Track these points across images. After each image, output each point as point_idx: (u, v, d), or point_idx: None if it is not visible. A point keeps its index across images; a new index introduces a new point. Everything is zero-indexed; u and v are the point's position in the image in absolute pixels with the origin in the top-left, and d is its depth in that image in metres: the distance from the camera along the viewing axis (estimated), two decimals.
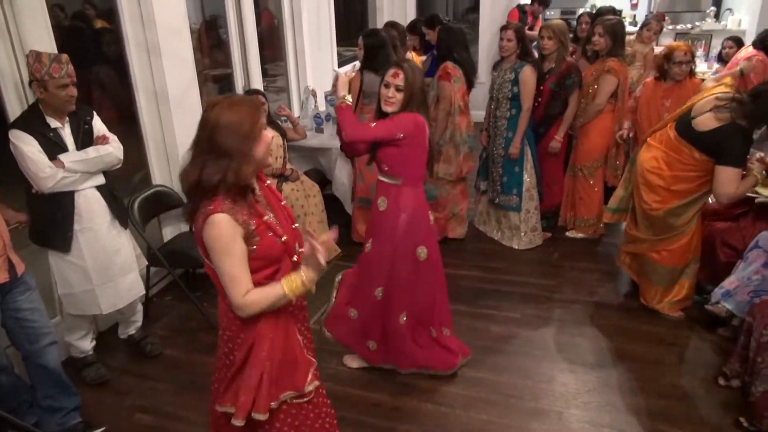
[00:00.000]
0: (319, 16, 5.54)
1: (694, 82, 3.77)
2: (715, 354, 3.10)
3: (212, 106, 1.69)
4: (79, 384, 2.93)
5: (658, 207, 3.19)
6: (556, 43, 4.02)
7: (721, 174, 2.90)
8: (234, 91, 4.58)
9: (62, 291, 2.86)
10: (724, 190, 2.92)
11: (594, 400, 2.83)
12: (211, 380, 1.99)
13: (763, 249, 3.04)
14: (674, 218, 3.19)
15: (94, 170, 2.77)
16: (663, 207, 3.17)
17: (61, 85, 2.57)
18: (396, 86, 2.60)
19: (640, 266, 3.49)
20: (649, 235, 3.32)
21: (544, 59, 4.15)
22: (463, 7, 8.53)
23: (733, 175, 2.88)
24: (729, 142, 2.88)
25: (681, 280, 3.38)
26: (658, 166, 3.17)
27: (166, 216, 3.86)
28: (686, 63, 3.71)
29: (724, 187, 2.91)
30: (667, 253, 3.29)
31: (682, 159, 3.07)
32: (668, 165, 3.13)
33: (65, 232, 2.72)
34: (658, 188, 3.18)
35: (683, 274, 3.36)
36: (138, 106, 3.69)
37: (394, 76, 2.60)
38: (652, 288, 3.44)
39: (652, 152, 3.22)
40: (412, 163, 2.69)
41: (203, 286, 3.91)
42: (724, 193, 2.93)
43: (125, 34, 3.52)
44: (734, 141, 2.87)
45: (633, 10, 7.94)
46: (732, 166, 2.87)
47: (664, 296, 3.42)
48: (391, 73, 2.61)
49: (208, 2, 4.60)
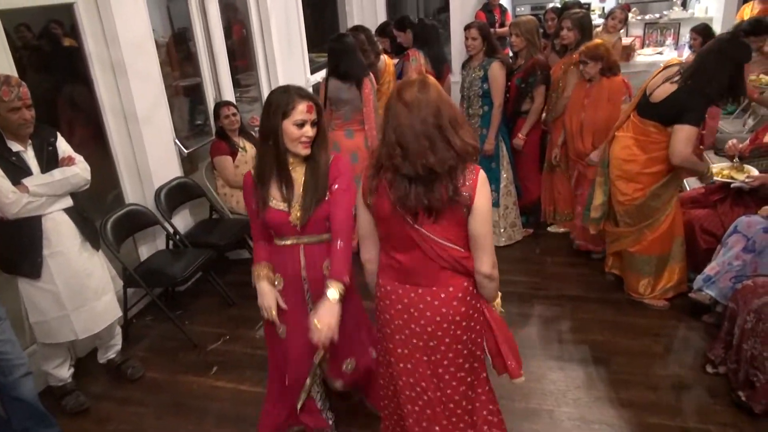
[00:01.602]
0: (288, 24, 5.49)
1: (613, 81, 3.69)
2: (701, 342, 3.10)
3: (422, 87, 1.75)
4: (59, 413, 2.86)
5: (639, 195, 3.20)
6: (524, 40, 4.05)
7: (678, 132, 2.95)
8: (205, 104, 4.53)
9: (33, 319, 2.77)
10: (678, 147, 2.95)
11: (584, 396, 2.81)
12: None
13: (741, 233, 3.05)
14: (656, 200, 3.20)
15: (61, 192, 2.70)
16: (645, 192, 3.18)
17: (11, 109, 2.49)
18: (312, 122, 2.11)
19: (626, 262, 3.48)
20: (631, 228, 3.32)
21: (517, 56, 4.18)
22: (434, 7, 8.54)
23: (689, 133, 2.93)
24: (683, 102, 2.93)
25: (670, 265, 3.38)
26: (632, 152, 3.18)
27: (141, 235, 3.79)
28: (583, 63, 3.68)
29: (679, 145, 2.95)
30: (652, 240, 3.29)
31: (651, 139, 3.11)
32: (641, 149, 3.15)
33: (34, 257, 2.65)
34: (637, 175, 3.19)
35: (671, 259, 3.37)
36: (106, 125, 3.62)
37: (309, 110, 2.07)
38: (643, 278, 3.42)
39: (623, 142, 3.23)
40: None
41: (183, 305, 3.84)
42: (679, 151, 2.96)
43: (88, 53, 3.46)
44: (688, 101, 2.93)
45: (602, 2, 7.98)
46: (688, 124, 2.92)
47: (657, 284, 3.41)
48: (305, 107, 2.06)
49: (176, 15, 4.53)
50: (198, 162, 4.47)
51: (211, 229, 4.07)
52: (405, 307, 1.94)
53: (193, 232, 4.01)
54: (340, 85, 3.97)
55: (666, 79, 3.02)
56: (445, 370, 1.98)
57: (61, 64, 3.71)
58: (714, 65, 2.89)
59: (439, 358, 1.97)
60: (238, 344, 3.43)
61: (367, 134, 4.08)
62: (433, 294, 1.90)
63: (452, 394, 2.02)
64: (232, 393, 3.02)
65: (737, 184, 3.24)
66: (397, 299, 1.95)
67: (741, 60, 2.90)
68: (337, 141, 4.11)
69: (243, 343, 3.44)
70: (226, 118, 4.02)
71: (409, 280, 1.92)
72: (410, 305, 1.93)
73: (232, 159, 4.07)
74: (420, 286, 1.90)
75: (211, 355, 3.36)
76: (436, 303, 1.90)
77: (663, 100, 3.01)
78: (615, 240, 3.46)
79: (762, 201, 3.08)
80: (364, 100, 3.99)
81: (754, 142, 3.49)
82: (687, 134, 2.93)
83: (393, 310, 1.97)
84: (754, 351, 2.53)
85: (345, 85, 3.96)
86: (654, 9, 7.64)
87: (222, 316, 3.73)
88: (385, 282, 1.99)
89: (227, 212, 4.18)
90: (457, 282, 1.90)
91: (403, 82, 1.85)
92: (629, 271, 3.48)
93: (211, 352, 3.38)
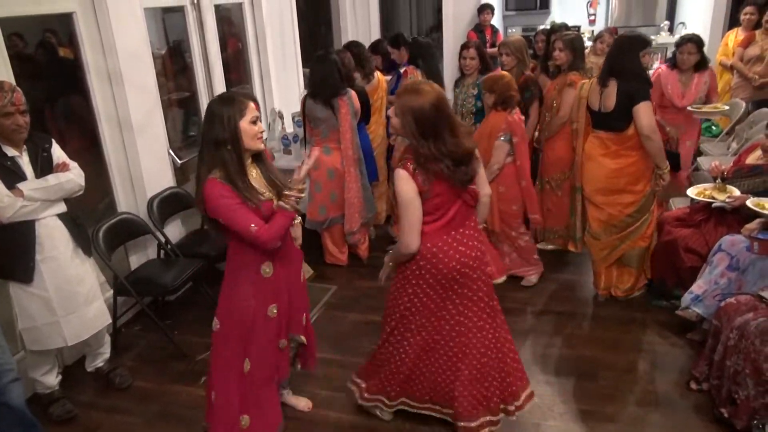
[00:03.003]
0: (283, 38, 5.56)
1: (496, 116, 3.67)
2: (686, 358, 3.15)
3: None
4: (46, 421, 2.84)
5: (636, 198, 3.40)
6: (514, 59, 4.16)
7: (637, 112, 3.22)
8: (199, 115, 4.56)
9: (23, 325, 2.76)
10: (644, 122, 3.21)
11: (570, 410, 2.84)
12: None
13: (726, 252, 3.11)
14: (637, 213, 3.44)
15: (55, 198, 2.71)
16: (642, 194, 3.38)
17: (5, 114, 2.50)
18: (259, 118, 2.33)
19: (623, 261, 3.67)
20: (613, 238, 3.51)
21: None
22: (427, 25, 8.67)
23: (646, 107, 3.22)
24: (628, 91, 3.23)
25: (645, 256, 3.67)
26: (618, 168, 3.38)
27: (132, 243, 3.79)
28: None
29: (644, 119, 3.21)
30: (639, 239, 3.53)
31: (625, 143, 3.35)
32: (623, 159, 3.38)
33: (27, 262, 2.65)
34: (627, 185, 3.39)
35: (646, 251, 3.64)
36: (101, 134, 3.64)
37: (256, 108, 2.30)
38: (633, 274, 3.67)
39: (602, 163, 3.45)
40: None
41: (173, 314, 3.84)
42: (646, 124, 3.21)
43: (86, 63, 3.48)
44: (630, 86, 3.23)
45: (591, 25, 8.17)
46: (642, 101, 3.20)
47: (639, 275, 3.70)
48: (253, 105, 2.27)
49: (171, 28, 4.58)
50: (190, 173, 4.48)
51: (203, 239, 4.08)
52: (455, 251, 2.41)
53: (185, 242, 4.02)
54: (314, 105, 4.05)
55: (599, 92, 3.37)
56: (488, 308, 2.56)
57: (56, 73, 3.73)
58: (622, 56, 3.31)
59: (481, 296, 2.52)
60: None
61: (343, 153, 4.13)
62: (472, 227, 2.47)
63: (502, 332, 2.62)
64: None
65: (718, 204, 3.32)
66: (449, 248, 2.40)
67: (638, 48, 3.32)
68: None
69: None
70: None
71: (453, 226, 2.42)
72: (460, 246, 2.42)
73: None
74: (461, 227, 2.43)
75: (200, 365, 3.35)
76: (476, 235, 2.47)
77: (615, 105, 3.29)
78: (611, 249, 3.56)
79: (744, 220, 3.15)
80: (340, 119, 4.05)
81: (737, 163, 3.58)
82: (645, 109, 3.22)
83: (446, 259, 2.39)
84: (737, 367, 2.57)
85: (318, 105, 4.04)
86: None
87: (211, 327, 3.71)
88: (435, 241, 2.39)
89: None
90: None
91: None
92: (621, 269, 3.69)
93: (200, 362, 3.37)
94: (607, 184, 3.42)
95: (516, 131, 3.62)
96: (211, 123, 2.20)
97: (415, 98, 2.27)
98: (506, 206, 3.80)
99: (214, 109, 2.22)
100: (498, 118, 3.65)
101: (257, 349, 2.46)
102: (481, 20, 7.01)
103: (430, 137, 2.26)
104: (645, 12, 7.89)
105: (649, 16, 7.86)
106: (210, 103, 2.30)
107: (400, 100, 2.33)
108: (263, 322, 2.43)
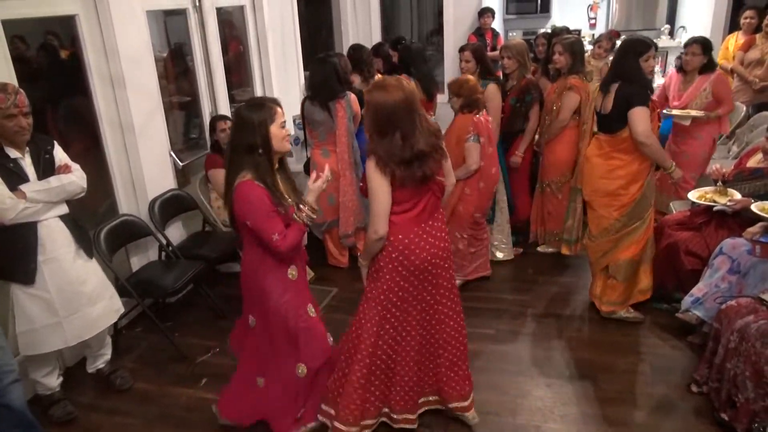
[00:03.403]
0: (284, 41, 5.57)
1: (463, 119, 3.72)
2: (686, 361, 3.15)
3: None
4: (46, 423, 2.84)
5: (627, 201, 3.30)
6: (515, 62, 4.18)
7: (632, 116, 3.15)
8: (200, 117, 4.57)
9: (20, 329, 2.74)
10: (639, 128, 3.14)
11: (571, 413, 2.84)
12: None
13: (727, 255, 3.12)
14: (649, 197, 3.34)
15: (57, 200, 2.72)
16: (633, 198, 3.29)
17: (8, 116, 2.51)
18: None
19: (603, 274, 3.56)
20: (609, 239, 3.41)
21: (508, 78, 4.29)
22: (427, 29, 8.67)
23: (641, 113, 3.14)
24: (626, 95, 3.18)
25: (642, 267, 3.49)
26: (609, 170, 3.32)
27: (134, 245, 3.79)
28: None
29: (639, 126, 3.14)
30: (632, 245, 3.39)
31: (618, 145, 3.28)
32: (614, 161, 3.31)
33: (28, 263, 2.65)
34: (619, 188, 3.31)
35: (642, 262, 3.47)
36: (103, 136, 3.64)
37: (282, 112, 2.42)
38: (618, 288, 3.49)
39: (595, 163, 3.40)
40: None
41: (174, 316, 3.84)
42: (640, 131, 3.14)
43: (88, 65, 3.49)
44: (628, 91, 3.18)
45: (591, 29, 8.17)
46: (638, 106, 3.13)
47: (628, 289, 3.51)
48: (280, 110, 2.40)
49: (173, 31, 4.60)
50: (191, 175, 4.49)
51: (204, 241, 4.09)
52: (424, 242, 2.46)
53: (186, 244, 4.03)
54: (312, 107, 4.07)
55: (602, 96, 3.35)
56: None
57: (58, 76, 3.74)
58: (623, 59, 3.28)
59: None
60: (228, 357, 3.40)
61: (338, 156, 4.15)
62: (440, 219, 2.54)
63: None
64: None
65: (719, 207, 3.32)
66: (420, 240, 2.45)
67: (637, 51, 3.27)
68: (314, 159, 4.22)
69: (232, 356, 3.43)
70: (221, 131, 4.06)
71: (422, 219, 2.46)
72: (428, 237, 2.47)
73: None
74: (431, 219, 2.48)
75: (201, 367, 3.36)
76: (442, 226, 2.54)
77: (612, 107, 3.24)
78: (604, 252, 3.50)
79: (746, 223, 3.15)
80: (337, 122, 4.07)
81: (738, 166, 3.58)
82: (640, 114, 3.14)
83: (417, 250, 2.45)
84: (737, 370, 2.57)
85: (316, 108, 4.05)
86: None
87: (212, 329, 3.73)
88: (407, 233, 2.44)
89: (220, 225, 4.20)
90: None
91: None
92: (608, 281, 3.53)
93: (201, 365, 3.38)
94: (599, 185, 3.39)
95: (482, 132, 3.67)
96: (241, 129, 2.31)
97: (379, 95, 2.31)
98: (465, 208, 3.82)
99: (245, 116, 2.31)
100: (465, 120, 3.70)
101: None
102: (482, 24, 7.03)
103: (386, 136, 2.30)
104: (645, 15, 7.88)
105: (650, 19, 7.85)
106: (238, 109, 2.37)
107: (367, 95, 2.38)
108: (308, 317, 2.54)
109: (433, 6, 8.36)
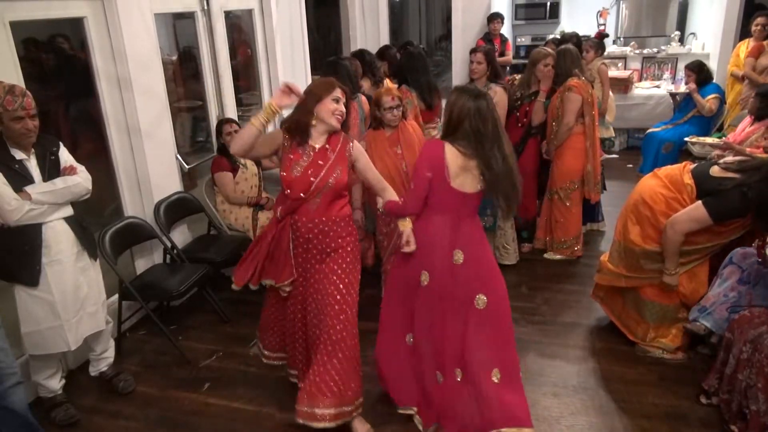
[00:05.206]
0: (292, 46, 5.57)
1: (410, 125, 3.59)
2: (695, 372, 3.10)
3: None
4: (48, 425, 2.83)
5: (638, 242, 3.13)
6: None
7: (692, 210, 2.89)
8: (207, 121, 4.57)
9: (26, 329, 2.74)
10: (679, 218, 2.91)
11: (578, 422, 2.80)
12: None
13: (736, 264, 3.07)
14: (647, 261, 3.13)
15: (62, 201, 2.71)
16: (642, 245, 3.12)
17: (15, 118, 2.51)
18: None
19: (630, 302, 3.35)
20: (620, 269, 3.27)
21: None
22: (436, 34, 8.68)
23: (698, 216, 2.86)
24: (725, 192, 2.84)
25: (678, 324, 3.21)
26: (653, 198, 3.09)
27: (138, 248, 3.79)
28: (396, 108, 3.46)
29: (681, 216, 2.90)
30: (653, 288, 3.19)
31: (677, 198, 3.02)
32: (665, 201, 3.06)
33: (33, 265, 2.64)
34: (645, 221, 3.13)
35: (678, 320, 3.20)
36: (109, 138, 3.64)
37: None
38: (642, 324, 3.28)
39: (654, 183, 3.16)
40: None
41: (178, 320, 3.83)
42: (675, 222, 2.91)
43: (96, 68, 3.50)
44: (728, 195, 2.82)
45: None
46: (706, 209, 2.85)
47: (657, 333, 3.24)
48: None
49: (182, 34, 4.61)
50: (197, 178, 4.49)
51: (209, 244, 4.08)
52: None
53: (191, 248, 4.01)
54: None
55: (725, 166, 2.95)
56: None
57: (66, 78, 3.75)
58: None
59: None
60: (232, 361, 3.41)
61: None
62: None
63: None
64: (224, 410, 2.99)
65: (710, 141, 3.27)
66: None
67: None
68: None
69: (236, 360, 3.42)
70: (228, 135, 4.05)
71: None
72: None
73: (233, 175, 4.10)
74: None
75: (204, 371, 3.34)
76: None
77: (717, 177, 2.91)
78: (600, 270, 3.40)
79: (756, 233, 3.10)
80: (348, 124, 4.03)
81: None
82: (696, 216, 2.85)
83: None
84: (749, 381, 2.53)
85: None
86: (652, 44, 7.81)
87: (216, 333, 3.71)
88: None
89: (225, 228, 4.19)
90: None
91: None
92: (631, 313, 3.35)
93: (204, 369, 3.36)
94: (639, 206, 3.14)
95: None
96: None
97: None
98: None
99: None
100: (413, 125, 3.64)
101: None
102: (491, 29, 7.01)
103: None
104: (655, 22, 7.85)
105: (660, 26, 7.82)
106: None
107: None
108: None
109: (441, 12, 8.37)
